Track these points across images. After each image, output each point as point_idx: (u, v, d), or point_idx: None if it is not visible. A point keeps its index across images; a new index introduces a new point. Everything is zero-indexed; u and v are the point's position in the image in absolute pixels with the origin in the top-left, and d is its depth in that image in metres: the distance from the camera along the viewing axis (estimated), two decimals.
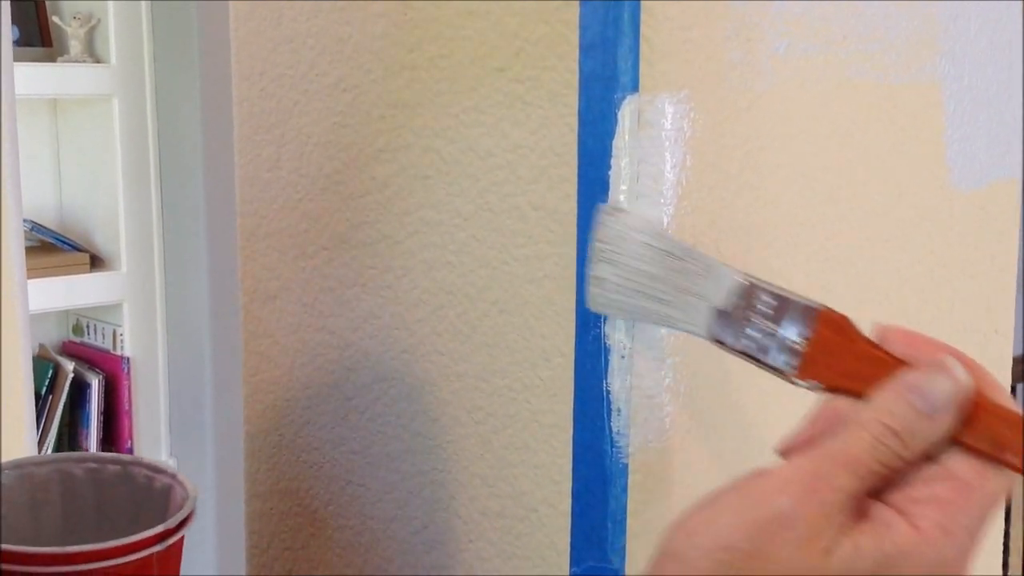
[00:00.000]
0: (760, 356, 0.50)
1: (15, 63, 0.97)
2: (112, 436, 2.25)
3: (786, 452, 0.50)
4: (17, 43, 2.10)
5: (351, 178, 0.95)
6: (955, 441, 0.46)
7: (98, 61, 2.15)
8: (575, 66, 0.75)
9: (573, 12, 0.75)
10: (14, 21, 2.12)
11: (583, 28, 0.74)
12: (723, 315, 0.51)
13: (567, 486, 0.79)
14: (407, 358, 0.93)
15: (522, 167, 0.83)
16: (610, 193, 0.74)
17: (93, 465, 0.73)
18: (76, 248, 2.20)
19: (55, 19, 2.16)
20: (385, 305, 0.95)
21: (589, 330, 0.77)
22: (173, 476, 0.71)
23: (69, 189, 2.31)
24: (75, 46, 2.14)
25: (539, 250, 0.83)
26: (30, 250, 2.15)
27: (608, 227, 0.52)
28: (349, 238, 0.96)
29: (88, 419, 2.23)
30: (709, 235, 0.77)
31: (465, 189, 0.87)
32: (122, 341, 2.24)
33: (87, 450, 2.24)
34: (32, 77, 2.06)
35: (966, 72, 0.94)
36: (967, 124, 0.95)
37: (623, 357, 0.76)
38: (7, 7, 0.92)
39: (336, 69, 0.95)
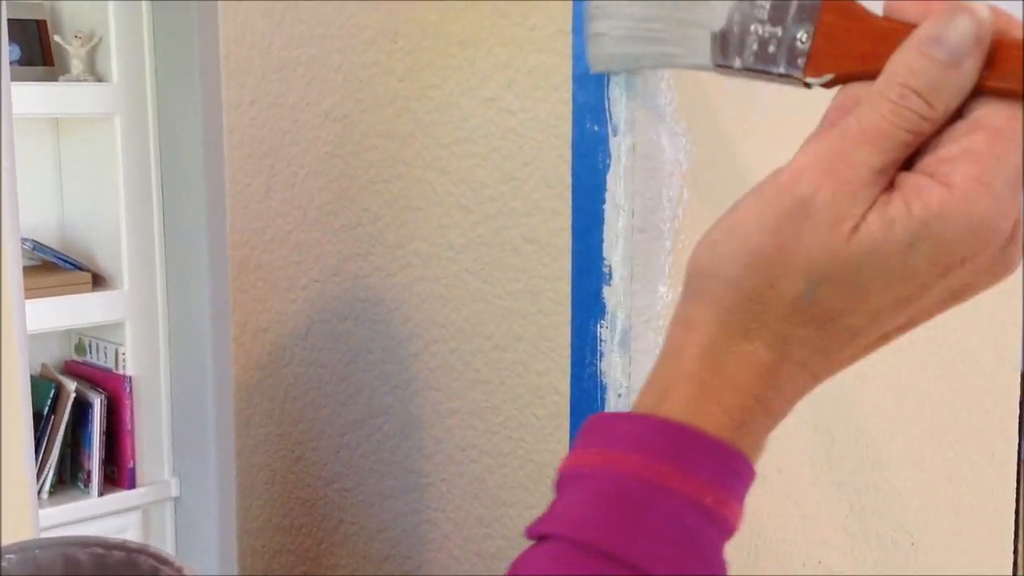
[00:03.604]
0: (768, 67, 0.46)
1: (16, 82, 0.95)
2: (114, 456, 2.24)
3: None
4: (18, 62, 2.09)
5: (342, 209, 0.93)
6: (982, 87, 0.42)
7: (100, 80, 2.14)
8: (568, 96, 0.73)
9: (566, 42, 0.73)
10: (15, 40, 2.11)
11: (576, 58, 0.72)
12: (723, 38, 0.47)
13: None
14: (400, 394, 0.91)
15: (515, 199, 0.81)
16: (605, 227, 0.72)
17: (99, 551, 0.71)
18: (78, 267, 2.19)
19: (56, 38, 2.15)
20: (377, 339, 0.93)
21: (585, 367, 0.74)
22: (179, 570, 0.69)
23: (71, 208, 2.30)
24: (76, 65, 2.13)
25: (533, 284, 0.80)
26: (32, 269, 2.14)
27: None
28: (341, 270, 0.94)
29: (90, 439, 2.21)
30: None
31: (457, 221, 0.85)
32: (124, 360, 2.23)
33: (89, 470, 2.23)
34: (34, 96, 2.05)
35: None
36: None
37: (620, 395, 0.73)
38: (5, 26, 0.90)
39: (327, 98, 0.93)
